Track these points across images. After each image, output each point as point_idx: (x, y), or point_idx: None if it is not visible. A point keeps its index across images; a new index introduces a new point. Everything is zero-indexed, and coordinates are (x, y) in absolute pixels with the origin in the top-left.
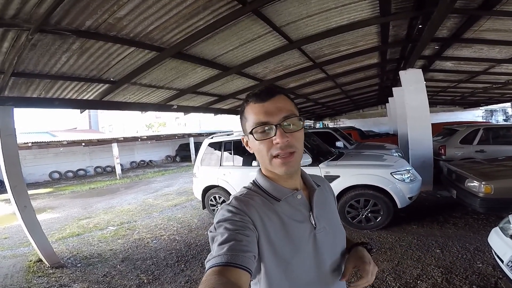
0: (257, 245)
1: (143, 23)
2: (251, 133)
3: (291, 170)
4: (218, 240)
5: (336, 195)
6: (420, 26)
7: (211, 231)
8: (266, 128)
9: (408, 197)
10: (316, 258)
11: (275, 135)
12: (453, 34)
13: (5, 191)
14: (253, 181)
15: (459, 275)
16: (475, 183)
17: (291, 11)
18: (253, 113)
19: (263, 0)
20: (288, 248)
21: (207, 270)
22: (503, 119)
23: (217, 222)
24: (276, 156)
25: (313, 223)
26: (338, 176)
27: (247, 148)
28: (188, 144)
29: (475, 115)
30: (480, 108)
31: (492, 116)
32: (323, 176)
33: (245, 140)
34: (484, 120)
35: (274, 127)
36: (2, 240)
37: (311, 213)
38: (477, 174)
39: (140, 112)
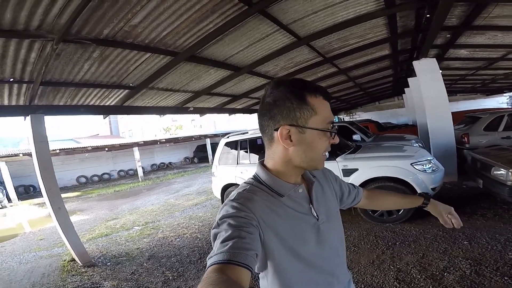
0: (260, 242)
1: (157, 29)
2: (315, 128)
3: None
4: (221, 236)
5: None
6: (428, 15)
7: (214, 228)
8: (333, 127)
9: (431, 188)
10: (321, 248)
11: (335, 135)
12: (463, 22)
13: (36, 196)
14: (254, 175)
15: (489, 266)
16: (503, 171)
17: (296, 9)
18: (326, 109)
19: (268, 0)
20: (297, 240)
21: (208, 267)
22: None
23: (221, 218)
24: (324, 153)
25: (315, 214)
26: (357, 169)
27: (284, 142)
28: (204, 145)
29: (499, 101)
30: (504, 94)
31: None
32: (339, 170)
33: (284, 132)
34: (510, 107)
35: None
36: (38, 241)
37: (311, 205)
38: (504, 161)
39: (158, 115)
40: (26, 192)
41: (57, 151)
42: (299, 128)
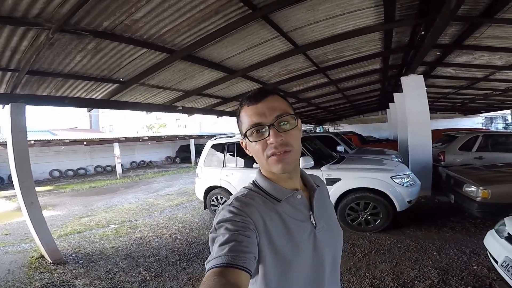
0: (257, 246)
1: (158, 25)
2: (245, 135)
3: (288, 167)
4: (219, 240)
5: (337, 197)
6: (423, 32)
7: (211, 232)
8: (261, 129)
9: (407, 201)
10: (315, 257)
11: (268, 135)
12: (454, 40)
13: (4, 188)
14: (253, 181)
15: (455, 276)
16: (473, 188)
17: (298, 17)
18: (247, 115)
19: (273, 6)
20: (290, 248)
21: (207, 271)
22: (503, 127)
23: (218, 223)
24: (271, 155)
25: (314, 222)
26: (340, 179)
27: (246, 151)
28: (188, 146)
29: (475, 122)
30: (480, 115)
31: (492, 123)
32: (323, 178)
33: (243, 143)
34: (484, 127)
35: (267, 127)
36: (3, 236)
37: (311, 213)
38: (475, 179)
39: (145, 112)
40: None
41: (32, 142)
42: (244, 139)
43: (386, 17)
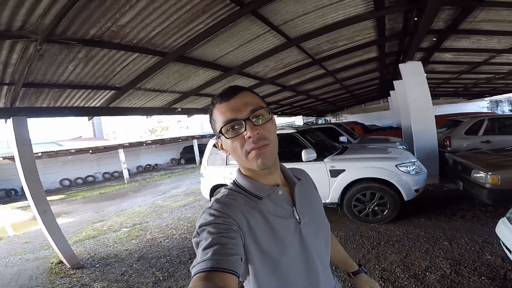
0: (243, 246)
1: (145, 29)
2: (221, 132)
3: (267, 162)
4: (202, 244)
5: (342, 189)
6: (416, 18)
7: (194, 237)
8: (236, 125)
9: (414, 189)
10: (303, 253)
11: (245, 130)
12: (449, 25)
13: (19, 199)
14: (234, 181)
15: (468, 266)
16: (482, 174)
17: (287, 10)
18: (220, 113)
19: (260, 1)
20: (275, 247)
21: (193, 276)
22: (510, 110)
23: (200, 227)
24: (251, 151)
25: (297, 218)
26: (344, 170)
27: (222, 152)
28: (191, 147)
29: (480, 106)
30: (485, 99)
31: (497, 107)
32: (327, 170)
33: (219, 144)
34: (490, 111)
35: (243, 122)
36: (23, 244)
37: (294, 208)
38: (483, 164)
39: (145, 116)
40: (8, 195)
41: (39, 154)
42: (218, 139)
43: (375, 4)
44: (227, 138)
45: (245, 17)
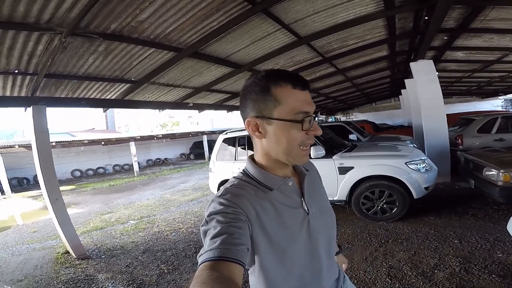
0: (250, 237)
1: (162, 25)
2: (287, 120)
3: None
4: (210, 233)
5: (350, 186)
6: (426, 17)
7: (203, 225)
8: (311, 119)
9: (424, 187)
10: (310, 243)
11: (311, 126)
12: (460, 24)
13: (30, 189)
14: (243, 170)
15: (478, 264)
16: (494, 172)
17: (298, 9)
18: (295, 99)
19: (271, 0)
20: (284, 236)
21: (199, 264)
22: None
23: (209, 215)
24: (304, 146)
25: (306, 208)
26: (352, 167)
27: (254, 134)
28: (201, 142)
29: (494, 104)
30: (499, 97)
31: None
32: (335, 167)
33: (251, 124)
34: (504, 110)
35: (313, 118)
36: (31, 233)
37: (302, 199)
38: (495, 162)
39: (158, 110)
40: (20, 184)
41: (53, 143)
42: (265, 119)
43: (386, 3)
44: (294, 125)
45: (257, 16)
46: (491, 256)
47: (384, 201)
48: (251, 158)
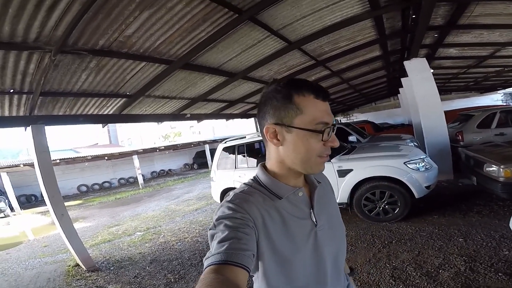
0: (256, 243)
1: (150, 38)
2: (307, 129)
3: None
4: (218, 237)
5: (351, 188)
6: (414, 16)
7: (211, 229)
8: (329, 129)
9: (425, 186)
10: (315, 255)
11: (329, 137)
12: (448, 21)
13: (38, 205)
14: (254, 177)
15: (484, 263)
16: (494, 168)
17: (285, 15)
18: (317, 109)
19: (257, 7)
20: (288, 246)
21: (205, 268)
22: None
23: (217, 219)
24: (322, 156)
25: (314, 220)
26: (351, 170)
27: (271, 141)
28: (204, 151)
29: (494, 99)
30: (498, 92)
31: None
32: (334, 170)
33: (271, 130)
34: (504, 104)
35: (331, 129)
36: (42, 248)
37: (311, 210)
38: (495, 158)
39: (156, 123)
40: (28, 201)
41: (57, 161)
42: (284, 127)
43: (371, 4)
44: (314, 135)
45: (245, 24)
46: (497, 254)
47: (386, 202)
48: (263, 165)
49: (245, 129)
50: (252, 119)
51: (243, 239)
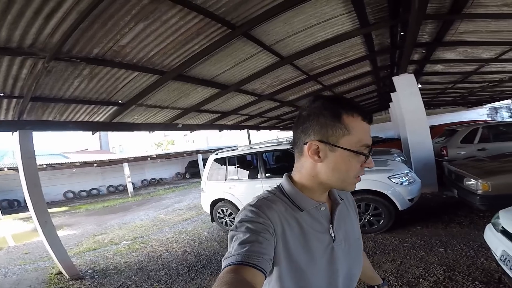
0: (274, 249)
1: (144, 49)
2: (353, 151)
3: None
4: (239, 238)
5: None
6: (402, 33)
7: (232, 230)
8: (369, 151)
9: (408, 199)
10: (329, 269)
11: (367, 159)
12: (434, 38)
13: (21, 210)
14: (278, 186)
15: (462, 272)
16: (473, 182)
17: (277, 31)
18: (364, 131)
19: (250, 23)
20: (304, 258)
21: (224, 267)
22: (509, 116)
23: (240, 221)
24: (358, 177)
25: (332, 235)
26: None
27: (312, 158)
28: (196, 161)
29: (480, 113)
30: (484, 106)
31: (497, 114)
32: None
33: (314, 147)
34: (489, 118)
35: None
36: (23, 255)
37: (331, 225)
38: (474, 172)
39: (148, 132)
40: (10, 206)
41: (44, 166)
42: (329, 145)
43: (360, 22)
44: (355, 156)
45: (238, 39)
46: (475, 263)
47: (371, 214)
48: (289, 176)
49: (239, 139)
50: (245, 130)
51: (264, 244)
